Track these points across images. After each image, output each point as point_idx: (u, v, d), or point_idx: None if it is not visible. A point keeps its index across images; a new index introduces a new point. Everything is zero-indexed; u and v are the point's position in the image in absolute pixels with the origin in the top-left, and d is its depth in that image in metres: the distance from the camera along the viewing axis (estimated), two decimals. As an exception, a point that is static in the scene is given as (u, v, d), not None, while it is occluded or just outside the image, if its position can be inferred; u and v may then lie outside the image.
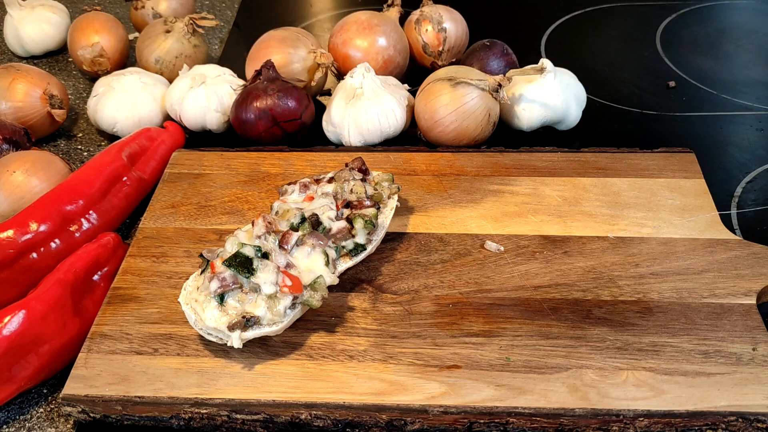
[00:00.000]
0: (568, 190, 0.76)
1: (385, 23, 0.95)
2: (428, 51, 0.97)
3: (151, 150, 0.83)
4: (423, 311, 0.64)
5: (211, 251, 0.63)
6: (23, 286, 0.67)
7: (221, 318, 0.59)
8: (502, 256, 0.69)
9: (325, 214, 0.65)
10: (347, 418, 0.56)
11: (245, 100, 0.85)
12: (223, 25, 1.18)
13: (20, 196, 0.76)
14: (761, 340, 0.60)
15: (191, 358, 0.61)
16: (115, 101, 0.89)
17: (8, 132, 0.83)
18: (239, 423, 0.57)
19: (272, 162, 0.82)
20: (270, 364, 0.60)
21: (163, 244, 0.72)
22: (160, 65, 0.97)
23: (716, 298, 0.63)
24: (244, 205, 0.76)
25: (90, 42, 0.99)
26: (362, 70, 0.86)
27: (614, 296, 0.64)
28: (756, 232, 0.75)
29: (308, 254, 0.63)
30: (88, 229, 0.73)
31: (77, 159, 0.90)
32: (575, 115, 0.87)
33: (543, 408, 0.56)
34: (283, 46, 0.91)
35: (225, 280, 0.59)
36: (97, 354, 0.61)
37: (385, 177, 0.72)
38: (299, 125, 0.86)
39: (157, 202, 0.77)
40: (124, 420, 0.58)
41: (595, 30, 1.13)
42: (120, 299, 0.66)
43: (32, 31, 1.08)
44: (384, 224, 0.69)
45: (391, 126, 0.86)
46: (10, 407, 0.62)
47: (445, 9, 0.98)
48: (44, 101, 0.90)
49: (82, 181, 0.75)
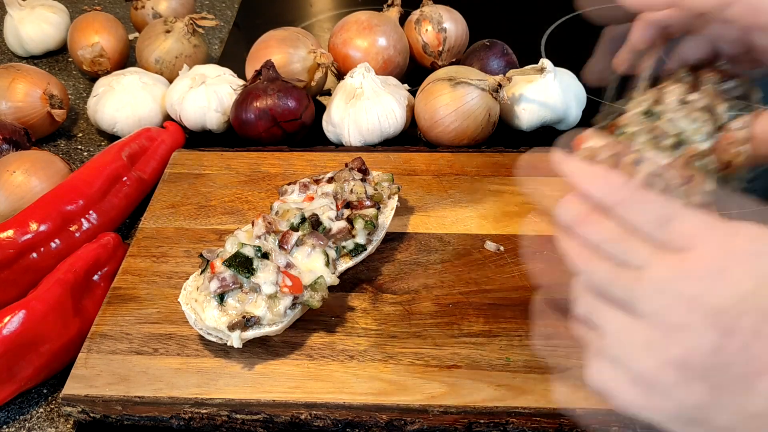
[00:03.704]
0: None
1: (385, 23, 0.95)
2: (428, 51, 0.97)
3: (151, 150, 0.83)
4: (423, 311, 0.64)
5: (211, 251, 0.63)
6: (23, 286, 0.67)
7: (221, 318, 0.59)
8: (502, 256, 0.69)
9: (325, 214, 0.65)
10: (347, 418, 0.56)
11: (245, 100, 0.85)
12: (223, 25, 1.18)
13: (20, 196, 0.76)
14: (761, 340, 0.60)
15: (191, 358, 0.61)
16: (115, 101, 0.89)
17: (8, 132, 0.83)
18: (239, 423, 0.57)
19: (272, 162, 0.82)
20: (270, 364, 0.60)
21: (163, 244, 0.72)
22: (160, 65, 0.97)
23: (716, 298, 0.63)
24: (244, 205, 0.76)
25: (90, 42, 0.99)
26: (362, 70, 0.86)
27: (614, 296, 0.64)
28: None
29: (308, 254, 0.63)
30: (88, 229, 0.73)
31: (77, 159, 0.90)
32: (575, 115, 0.87)
33: (543, 408, 0.56)
34: (283, 46, 0.91)
35: (225, 280, 0.59)
36: (97, 354, 0.61)
37: (385, 177, 0.72)
38: (299, 125, 0.86)
39: (157, 202, 0.77)
40: (124, 420, 0.58)
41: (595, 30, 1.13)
42: (120, 299, 0.66)
43: (32, 31, 1.08)
44: (384, 224, 0.69)
45: (391, 126, 0.86)
46: (10, 407, 0.62)
47: (445, 9, 0.98)
48: (44, 101, 0.90)
49: (82, 181, 0.75)
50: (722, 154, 0.53)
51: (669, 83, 0.59)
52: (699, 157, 0.53)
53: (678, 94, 0.57)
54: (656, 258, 0.39)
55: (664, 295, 0.38)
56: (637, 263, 0.39)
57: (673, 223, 0.39)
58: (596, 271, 0.41)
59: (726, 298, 0.37)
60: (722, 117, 0.55)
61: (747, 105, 0.57)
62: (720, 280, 0.37)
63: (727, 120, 0.55)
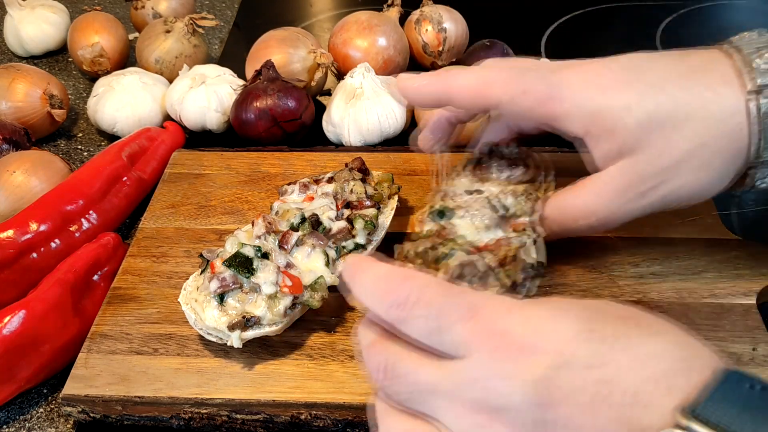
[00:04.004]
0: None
1: (385, 23, 0.95)
2: (428, 51, 0.97)
3: (151, 150, 0.83)
4: (423, 311, 0.64)
5: (211, 251, 0.63)
6: (23, 286, 0.67)
7: (221, 318, 0.59)
8: (502, 256, 0.69)
9: (325, 214, 0.65)
10: (347, 418, 0.56)
11: (245, 100, 0.85)
12: (223, 25, 1.18)
13: (20, 196, 0.76)
14: (761, 340, 0.60)
15: (191, 358, 0.61)
16: (115, 101, 0.89)
17: (8, 132, 0.83)
18: (239, 423, 0.57)
19: (272, 162, 0.82)
20: (270, 364, 0.60)
21: (163, 244, 0.72)
22: (160, 65, 0.97)
23: (716, 298, 0.63)
24: (244, 205, 0.76)
25: (90, 42, 0.99)
26: (362, 70, 0.86)
27: (614, 296, 0.64)
28: (756, 232, 0.75)
29: (308, 254, 0.63)
30: (88, 229, 0.73)
31: (77, 159, 0.90)
32: (575, 115, 0.87)
33: None
34: (283, 46, 0.91)
35: (225, 280, 0.59)
36: (97, 354, 0.61)
37: (385, 177, 0.72)
38: (299, 125, 0.86)
39: (157, 202, 0.77)
40: (124, 420, 0.58)
41: (595, 30, 1.13)
42: (120, 299, 0.66)
43: (32, 31, 1.08)
44: (384, 224, 0.69)
45: (391, 126, 0.86)
46: (10, 407, 0.62)
47: (445, 9, 0.98)
48: (44, 101, 0.90)
49: (82, 181, 0.75)
50: (503, 247, 0.56)
51: (457, 171, 0.66)
52: (505, 243, 0.57)
53: (463, 185, 0.63)
54: (436, 369, 0.40)
55: (453, 404, 0.39)
56: (425, 378, 0.41)
57: (444, 334, 0.40)
58: (393, 390, 0.42)
59: (507, 395, 0.38)
60: (510, 205, 0.60)
61: (537, 188, 0.62)
62: (498, 380, 0.38)
63: (515, 207, 0.60)
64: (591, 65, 0.58)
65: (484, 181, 0.63)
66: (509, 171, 0.63)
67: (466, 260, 0.53)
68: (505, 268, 0.55)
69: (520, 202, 0.60)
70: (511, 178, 0.63)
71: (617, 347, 0.37)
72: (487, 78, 0.59)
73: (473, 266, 0.53)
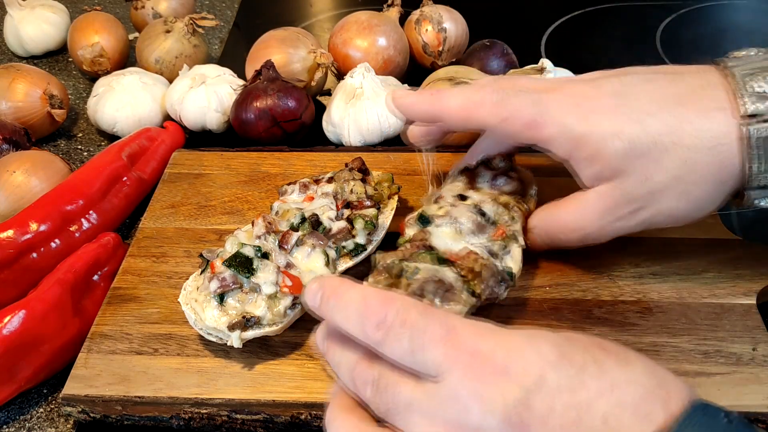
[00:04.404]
0: (569, 191, 0.76)
1: (385, 23, 0.95)
2: (428, 51, 0.97)
3: (151, 150, 0.83)
4: (423, 311, 0.64)
5: (211, 251, 0.63)
6: (23, 286, 0.67)
7: (221, 318, 0.59)
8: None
9: (325, 214, 0.65)
10: (347, 418, 0.56)
11: (245, 100, 0.85)
12: (223, 25, 1.18)
13: (20, 196, 0.76)
14: (761, 340, 0.60)
15: (191, 358, 0.61)
16: (115, 101, 0.89)
17: (8, 132, 0.83)
18: (239, 423, 0.57)
19: (272, 162, 0.82)
20: (270, 364, 0.60)
21: (163, 244, 0.72)
22: (160, 65, 0.97)
23: (716, 298, 0.63)
24: (244, 205, 0.76)
25: (90, 42, 0.99)
26: (362, 70, 0.86)
27: (614, 296, 0.64)
28: (756, 232, 0.75)
29: (308, 254, 0.63)
30: (88, 229, 0.73)
31: (77, 159, 0.90)
32: (575, 115, 0.87)
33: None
34: (283, 46, 0.91)
35: (225, 280, 0.59)
36: (97, 354, 0.61)
37: (385, 177, 0.72)
38: (299, 125, 0.86)
39: (157, 202, 0.77)
40: (124, 420, 0.58)
41: (595, 30, 1.13)
42: (120, 299, 0.66)
43: (32, 31, 1.08)
44: (384, 224, 0.69)
45: (391, 126, 0.86)
46: (10, 407, 0.62)
47: (445, 9, 0.98)
48: (44, 101, 0.90)
49: (82, 181, 0.75)
50: (471, 257, 0.58)
51: (453, 175, 0.69)
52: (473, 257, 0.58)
53: (453, 190, 0.66)
54: (414, 387, 0.42)
55: (431, 421, 0.40)
56: (404, 396, 0.42)
57: (421, 355, 0.41)
58: (376, 402, 0.43)
59: (482, 416, 0.39)
60: (490, 212, 0.62)
61: (519, 201, 0.65)
62: (474, 401, 0.39)
63: (495, 216, 0.62)
64: (581, 86, 0.59)
65: (472, 188, 0.66)
66: (496, 181, 0.66)
67: (428, 277, 0.55)
68: (471, 282, 0.56)
69: (500, 212, 0.62)
70: (496, 188, 0.66)
71: (588, 373, 0.39)
72: (475, 101, 0.60)
73: (436, 283, 0.55)
